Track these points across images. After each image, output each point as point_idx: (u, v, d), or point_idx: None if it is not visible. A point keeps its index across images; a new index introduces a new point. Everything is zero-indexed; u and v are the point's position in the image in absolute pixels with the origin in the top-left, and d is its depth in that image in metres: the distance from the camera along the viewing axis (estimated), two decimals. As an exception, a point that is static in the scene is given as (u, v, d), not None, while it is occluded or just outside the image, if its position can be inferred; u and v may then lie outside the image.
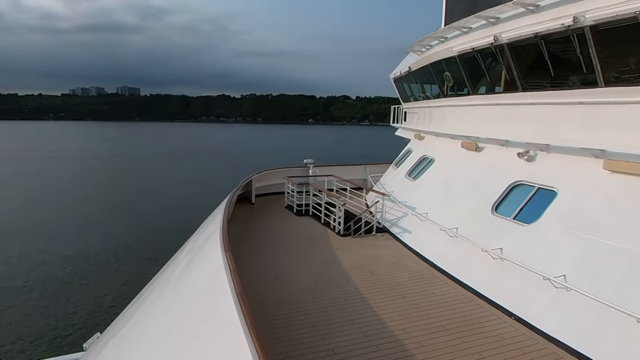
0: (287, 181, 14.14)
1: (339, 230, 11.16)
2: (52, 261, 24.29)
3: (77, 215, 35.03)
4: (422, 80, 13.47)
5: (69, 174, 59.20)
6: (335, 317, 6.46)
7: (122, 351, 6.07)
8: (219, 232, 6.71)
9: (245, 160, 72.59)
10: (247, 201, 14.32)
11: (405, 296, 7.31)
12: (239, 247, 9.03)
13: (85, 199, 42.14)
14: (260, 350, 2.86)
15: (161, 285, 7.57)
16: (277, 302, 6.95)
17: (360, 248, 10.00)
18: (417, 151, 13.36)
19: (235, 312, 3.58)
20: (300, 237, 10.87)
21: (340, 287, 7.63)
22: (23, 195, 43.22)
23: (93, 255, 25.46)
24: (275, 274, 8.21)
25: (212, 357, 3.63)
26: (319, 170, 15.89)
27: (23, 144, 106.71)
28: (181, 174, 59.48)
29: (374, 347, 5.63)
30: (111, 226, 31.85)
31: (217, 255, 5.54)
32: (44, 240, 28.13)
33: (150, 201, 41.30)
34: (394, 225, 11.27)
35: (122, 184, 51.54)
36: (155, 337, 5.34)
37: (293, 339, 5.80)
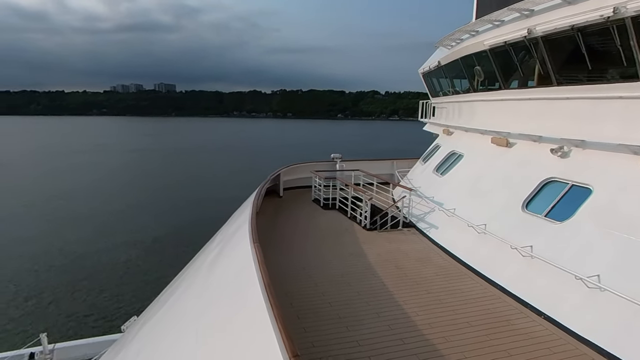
0: (315, 175, 14.19)
1: (365, 224, 11.11)
2: (97, 248, 25.67)
3: (122, 206, 36.90)
4: (452, 75, 13.13)
5: (114, 166, 62.40)
6: (360, 309, 6.46)
7: (156, 335, 6.30)
8: (248, 223, 6.82)
9: (274, 155, 73.50)
10: (275, 194, 14.48)
11: (431, 291, 7.21)
12: (267, 239, 9.16)
13: (128, 189, 44.41)
14: (287, 339, 2.89)
15: (193, 273, 7.80)
16: (303, 293, 7.01)
17: (386, 242, 9.93)
18: (446, 146, 13.08)
19: (263, 301, 3.62)
20: (327, 231, 10.90)
21: (365, 281, 7.61)
22: (76, 185, 46.06)
23: (132, 243, 26.65)
24: (302, 265, 8.28)
25: (241, 344, 3.69)
26: (345, 165, 15.85)
27: (74, 138, 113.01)
28: (214, 168, 61.25)
29: (399, 340, 5.60)
30: (150, 216, 33.39)
31: (246, 246, 5.60)
32: (90, 228, 29.78)
33: (185, 193, 42.71)
34: (421, 220, 11.11)
35: (161, 176, 53.64)
36: (187, 323, 5.51)
37: (318, 329, 5.84)
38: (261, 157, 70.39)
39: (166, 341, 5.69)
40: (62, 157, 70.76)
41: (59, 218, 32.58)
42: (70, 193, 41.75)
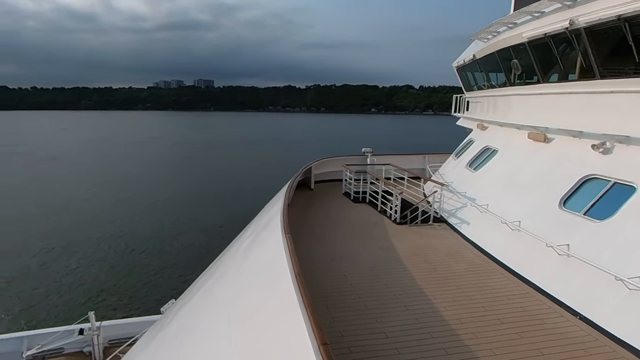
0: (345, 169, 14.16)
1: (395, 218, 11.00)
2: (140, 234, 27.09)
3: (167, 195, 38.79)
4: (487, 69, 12.65)
5: (161, 157, 66.26)
6: (388, 302, 6.43)
7: (192, 318, 6.54)
8: (280, 215, 6.89)
9: (306, 148, 74.20)
10: (306, 187, 14.58)
11: (461, 287, 7.06)
12: (298, 230, 9.25)
13: (172, 180, 46.49)
14: (316, 327, 2.92)
15: (227, 261, 8.02)
16: (332, 284, 7.06)
17: (416, 237, 9.79)
18: (479, 141, 12.67)
19: (293, 290, 3.65)
20: (357, 224, 10.88)
21: (394, 274, 7.56)
22: (127, 174, 49.20)
23: (172, 230, 27.90)
24: (332, 257, 8.32)
25: (271, 330, 3.75)
26: (376, 159, 15.71)
27: (127, 131, 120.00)
28: (249, 160, 62.71)
29: (427, 334, 5.53)
30: (190, 206, 34.83)
31: (277, 237, 5.65)
32: (137, 216, 31.56)
33: (223, 184, 44.27)
34: (452, 215, 10.86)
35: (201, 168, 55.80)
36: (221, 308, 5.68)
37: (347, 319, 5.86)
38: (294, 151, 71.33)
39: (201, 324, 5.88)
40: (119, 148, 76.25)
41: (112, 205, 34.83)
42: (122, 182, 44.65)
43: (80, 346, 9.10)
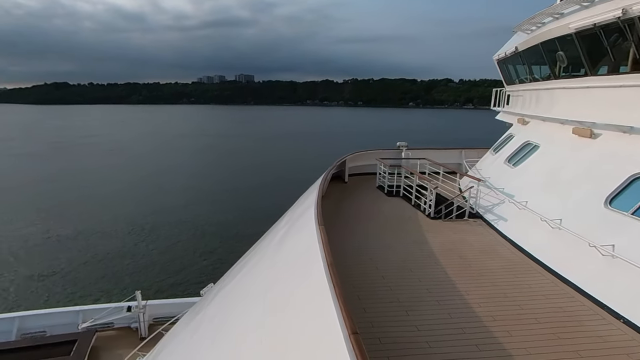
0: (380, 162, 14.02)
1: (429, 212, 10.79)
2: (184, 220, 28.49)
3: (209, 185, 40.88)
4: (530, 61, 12.01)
5: (211, 148, 69.88)
6: (420, 295, 6.34)
7: (229, 302, 6.76)
8: (314, 206, 6.93)
9: (342, 141, 74.31)
10: (340, 180, 14.58)
11: (496, 284, 6.84)
12: (332, 222, 9.29)
13: (215, 171, 48.95)
14: (347, 316, 2.92)
15: (263, 249, 8.20)
16: (364, 275, 7.05)
17: (450, 232, 9.57)
18: (520, 136, 12.11)
19: (325, 280, 3.66)
20: (390, 217, 10.77)
21: (427, 268, 7.44)
22: (176, 164, 52.63)
23: (212, 218, 29.07)
24: (365, 249, 8.30)
25: (303, 318, 3.78)
26: (411, 153, 15.42)
27: (175, 125, 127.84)
28: (287, 153, 64.18)
29: (459, 329, 5.42)
30: (230, 196, 36.29)
31: (311, 228, 5.64)
32: (181, 203, 33.17)
33: (261, 175, 45.45)
34: (489, 212, 10.50)
35: (243, 159, 58.11)
36: (256, 294, 5.84)
37: (378, 310, 5.85)
38: (330, 144, 71.65)
39: (237, 309, 6.06)
40: (171, 140, 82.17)
41: (162, 192, 37.17)
42: (172, 172, 47.69)
43: (128, 322, 9.72)
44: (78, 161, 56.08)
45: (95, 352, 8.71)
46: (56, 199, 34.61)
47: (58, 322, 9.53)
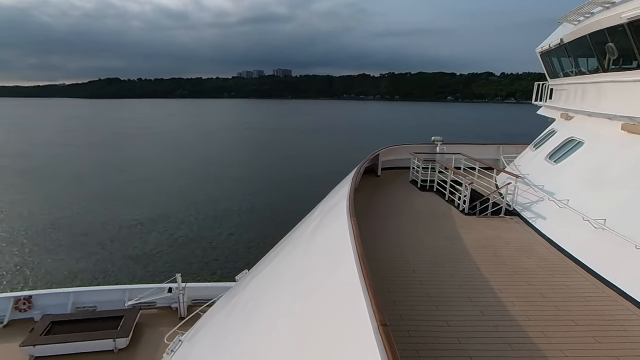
0: (414, 157, 13.77)
1: (463, 209, 10.49)
2: (224, 209, 29.61)
3: (248, 176, 42.16)
4: (577, 54, 11.27)
5: (253, 140, 72.64)
6: (452, 292, 6.20)
7: (261, 289, 6.95)
8: (347, 199, 6.93)
9: (377, 135, 74.02)
10: (373, 174, 14.47)
11: (532, 284, 6.56)
12: (364, 215, 9.26)
13: (254, 162, 50.52)
14: (376, 309, 2.90)
15: (296, 239, 8.33)
16: (395, 269, 7.00)
17: (485, 229, 9.26)
18: (563, 132, 11.46)
19: (356, 271, 3.64)
20: (423, 212, 10.59)
21: (460, 265, 7.25)
22: (221, 154, 55.05)
23: (249, 207, 29.98)
24: (396, 243, 8.22)
25: (333, 308, 3.78)
26: (447, 148, 15.01)
27: (220, 118, 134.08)
28: (323, 146, 64.77)
29: (492, 327, 5.27)
30: (268, 187, 37.12)
31: (343, 220, 5.63)
32: (222, 192, 34.46)
33: (297, 167, 46.33)
34: (526, 209, 10.06)
35: (282, 151, 59.75)
36: (287, 282, 5.96)
37: (408, 304, 5.79)
38: (365, 138, 71.43)
39: (269, 296, 6.21)
40: (217, 132, 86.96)
41: (206, 181, 38.88)
42: (217, 162, 50.08)
43: (169, 302, 10.25)
44: (137, 150, 60.43)
45: (140, 329, 9.27)
46: (116, 185, 37.15)
47: (107, 299, 10.25)
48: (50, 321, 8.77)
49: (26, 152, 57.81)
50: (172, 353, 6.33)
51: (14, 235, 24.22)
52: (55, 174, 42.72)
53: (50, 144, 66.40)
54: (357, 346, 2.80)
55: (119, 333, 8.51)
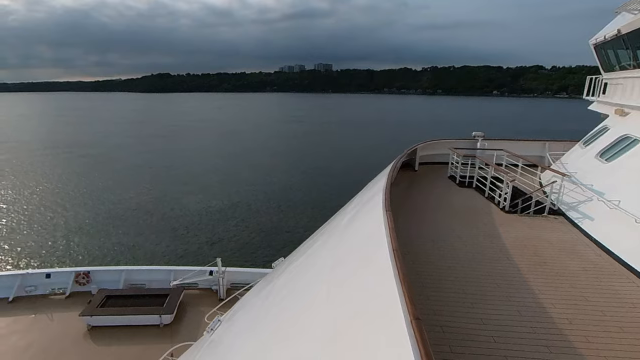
0: (452, 152, 13.35)
1: (504, 206, 10.06)
2: (266, 198, 30.40)
3: (289, 167, 43.07)
4: (636, 45, 10.37)
5: (300, 133, 74.54)
6: (488, 289, 6.01)
7: (295, 276, 7.11)
8: (382, 192, 6.88)
9: (416, 130, 72.77)
10: (410, 168, 14.21)
11: (575, 286, 6.21)
12: (399, 209, 9.16)
13: (299, 154, 51.43)
14: (409, 302, 2.87)
15: (331, 230, 8.41)
16: (429, 264, 6.88)
17: (526, 227, 8.85)
18: (617, 129, 10.64)
19: (390, 263, 3.61)
20: (460, 208, 10.28)
21: (497, 263, 7.00)
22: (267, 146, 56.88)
23: (288, 197, 30.61)
24: (432, 238, 8.06)
25: (365, 299, 3.78)
26: (488, 144, 14.39)
27: (266, 111, 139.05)
28: (362, 139, 64.50)
29: (529, 328, 5.06)
30: (307, 178, 37.78)
31: (378, 213, 5.57)
32: (266, 182, 35.48)
33: (337, 160, 46.71)
34: (572, 209, 9.49)
35: (324, 143, 60.64)
36: (321, 272, 6.05)
37: (441, 300, 5.69)
38: (404, 132, 70.53)
39: (303, 284, 6.33)
40: (266, 124, 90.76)
41: (251, 170, 40.46)
42: (264, 152, 52.26)
43: (210, 284, 10.71)
44: (192, 141, 64.12)
45: (182, 307, 9.80)
46: (171, 174, 39.41)
47: (155, 278, 10.92)
48: (105, 295, 9.50)
49: (93, 141, 62.77)
50: (211, 331, 6.64)
51: (77, 218, 26.36)
52: (119, 161, 46.05)
53: (115, 134, 72.07)
54: (388, 337, 2.79)
55: (164, 309, 9.06)
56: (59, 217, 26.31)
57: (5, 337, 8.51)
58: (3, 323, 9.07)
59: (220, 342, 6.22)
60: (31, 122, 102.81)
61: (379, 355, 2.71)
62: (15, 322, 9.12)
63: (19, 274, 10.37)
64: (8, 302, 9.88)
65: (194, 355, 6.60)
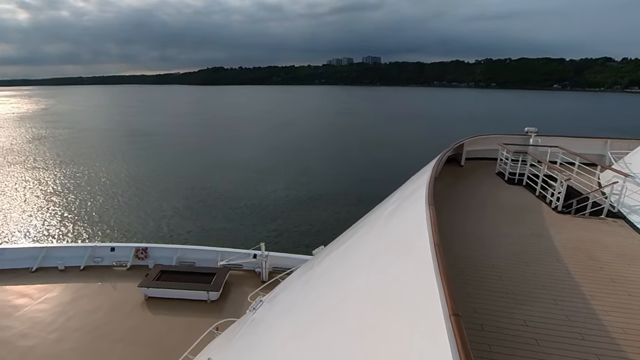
0: (502, 148, 12.65)
1: (556, 205, 9.41)
2: (311, 187, 30.99)
3: (344, 159, 43.65)
4: None
5: (351, 126, 74.98)
6: (534, 291, 5.70)
7: (335, 264, 7.19)
8: (426, 186, 6.72)
9: (467, 124, 70.09)
10: (456, 163, 13.69)
11: (633, 294, 5.72)
12: (442, 204, 8.89)
13: (349, 146, 52.10)
14: (449, 297, 2.80)
15: (371, 221, 8.37)
16: (472, 261, 6.65)
17: (580, 229, 8.23)
18: None
19: (430, 258, 3.52)
20: (508, 205, 9.77)
21: (546, 264, 6.60)
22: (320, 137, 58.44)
23: (333, 188, 31.01)
24: (476, 235, 7.76)
25: (403, 292, 3.75)
26: (542, 140, 13.43)
27: (318, 104, 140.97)
28: (411, 132, 64.15)
29: (577, 334, 4.76)
30: (353, 169, 38.00)
31: (420, 207, 5.39)
32: (313, 171, 36.34)
33: (384, 152, 46.70)
34: (635, 212, 8.67)
35: (373, 135, 60.87)
36: (360, 261, 6.07)
37: (483, 298, 5.51)
38: (454, 126, 68.29)
39: (343, 271, 6.40)
40: (320, 117, 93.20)
41: (300, 160, 41.78)
42: (318, 143, 53.72)
43: (253, 266, 11.07)
44: (249, 131, 66.95)
45: (228, 286, 10.27)
46: (229, 161, 41.54)
47: (203, 257, 11.52)
48: (160, 270, 10.22)
49: (158, 130, 67.50)
50: (253, 310, 6.92)
51: (141, 199, 28.57)
52: (181, 148, 49.22)
53: (179, 124, 77.40)
54: (426, 332, 2.74)
55: (211, 287, 9.57)
56: (125, 198, 28.70)
57: (77, 300, 9.49)
58: (75, 287, 10.10)
59: (261, 321, 6.48)
60: (107, 112, 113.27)
61: (415, 348, 2.68)
62: (85, 287, 10.13)
63: (89, 246, 11.44)
64: (80, 269, 10.97)
65: (236, 330, 6.94)
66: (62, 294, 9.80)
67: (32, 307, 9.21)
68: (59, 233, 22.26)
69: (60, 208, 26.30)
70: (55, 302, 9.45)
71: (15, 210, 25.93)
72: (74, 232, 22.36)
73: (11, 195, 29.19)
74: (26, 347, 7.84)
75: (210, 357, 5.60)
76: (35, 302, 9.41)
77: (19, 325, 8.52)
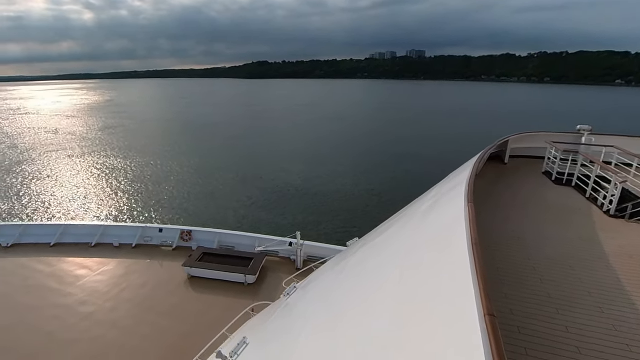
0: (551, 146, 11.86)
1: (609, 209, 8.74)
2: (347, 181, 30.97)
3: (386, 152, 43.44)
4: None
5: (393, 121, 74.24)
6: (578, 297, 5.38)
7: (369, 257, 7.17)
8: (465, 183, 6.52)
9: (513, 121, 66.47)
10: (499, 160, 13.05)
11: None
12: (483, 202, 8.56)
13: (392, 141, 51.68)
14: (484, 297, 2.73)
15: (408, 216, 8.23)
16: (512, 261, 6.38)
17: (635, 235, 7.60)
18: None
19: (467, 255, 3.46)
20: (554, 206, 9.20)
21: (594, 269, 6.18)
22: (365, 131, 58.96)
23: (371, 181, 30.68)
24: (517, 235, 7.41)
25: (437, 289, 3.70)
26: (595, 139, 12.42)
27: (363, 98, 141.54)
28: (456, 127, 62.13)
29: (623, 344, 4.46)
30: (394, 162, 37.69)
31: (459, 204, 5.26)
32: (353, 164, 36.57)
33: (426, 148, 45.94)
34: None
35: (417, 130, 60.31)
36: (395, 255, 6.01)
37: (521, 300, 5.29)
38: (502, 123, 64.88)
39: (376, 264, 6.38)
40: (364, 110, 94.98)
41: (341, 152, 42.13)
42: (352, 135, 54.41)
43: (289, 254, 11.32)
44: (294, 122, 68.70)
45: (264, 271, 10.61)
46: (274, 151, 42.69)
47: (242, 242, 11.97)
48: (202, 252, 10.76)
49: (210, 121, 70.98)
50: (287, 296, 7.10)
51: (188, 185, 30.03)
52: (229, 138, 51.27)
53: (235, 115, 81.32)
54: (459, 331, 2.69)
55: (249, 271, 9.95)
56: (175, 184, 30.35)
57: (128, 275, 10.26)
58: (127, 263, 10.92)
59: (294, 306, 6.63)
60: (162, 104, 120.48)
61: (448, 347, 2.62)
62: (135, 264, 10.90)
63: (141, 227, 12.29)
64: (132, 247, 11.84)
65: (271, 313, 7.16)
66: (117, 268, 10.63)
67: (91, 278, 10.09)
68: (115, 213, 24.17)
69: (119, 191, 28.50)
70: (110, 274, 10.29)
71: (82, 191, 28.54)
72: (129, 213, 24.07)
73: (81, 178, 32.09)
74: (86, 313, 8.62)
75: (245, 336, 5.83)
76: (94, 274, 10.30)
77: (79, 292, 9.39)
